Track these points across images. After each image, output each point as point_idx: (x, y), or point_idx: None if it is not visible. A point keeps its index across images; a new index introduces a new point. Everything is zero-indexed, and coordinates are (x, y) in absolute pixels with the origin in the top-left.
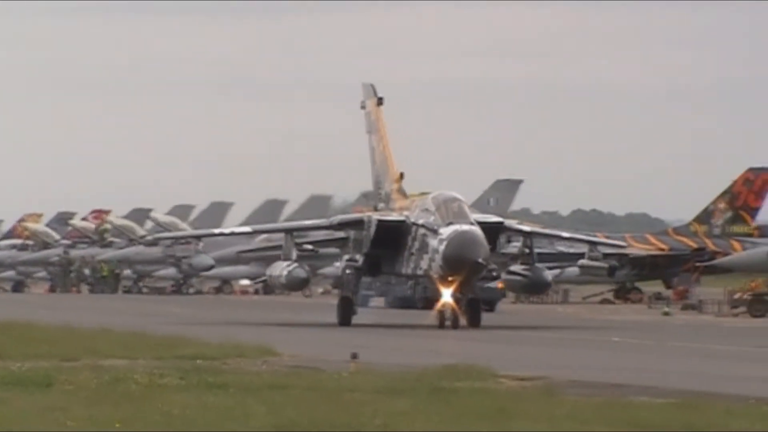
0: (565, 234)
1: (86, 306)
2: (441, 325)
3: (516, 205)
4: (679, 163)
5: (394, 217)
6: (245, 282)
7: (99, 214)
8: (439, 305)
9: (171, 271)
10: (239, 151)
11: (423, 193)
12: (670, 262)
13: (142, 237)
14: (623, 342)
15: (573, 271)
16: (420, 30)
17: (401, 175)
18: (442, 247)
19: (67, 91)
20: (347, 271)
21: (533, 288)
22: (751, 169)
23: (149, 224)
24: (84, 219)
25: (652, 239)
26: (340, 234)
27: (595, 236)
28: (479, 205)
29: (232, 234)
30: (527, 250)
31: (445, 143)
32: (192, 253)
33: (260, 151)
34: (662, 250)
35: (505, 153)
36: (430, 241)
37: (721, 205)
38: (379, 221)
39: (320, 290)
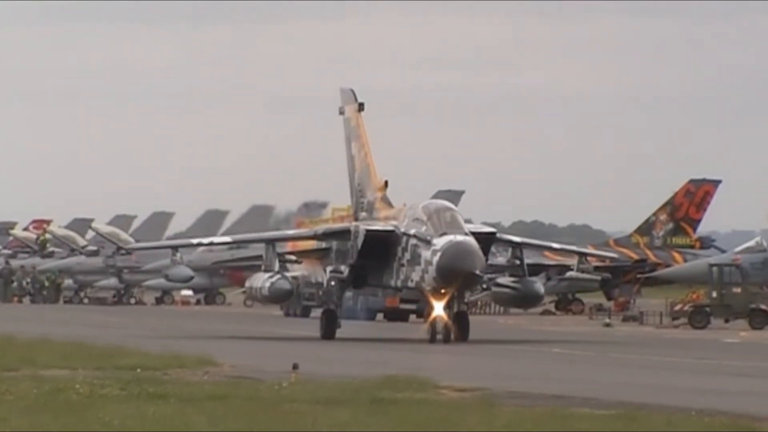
0: (555, 245)
1: (27, 316)
2: (432, 339)
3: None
4: (620, 174)
5: (382, 226)
6: (187, 293)
7: (40, 224)
8: (430, 318)
9: (112, 281)
10: (180, 162)
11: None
12: (612, 274)
13: (83, 247)
14: (564, 353)
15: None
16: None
17: (386, 184)
18: (435, 259)
19: (6, 100)
20: (331, 283)
21: (524, 301)
22: (692, 181)
23: (90, 234)
24: (25, 229)
25: (594, 251)
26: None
27: (586, 248)
28: None
29: (211, 244)
30: (517, 262)
31: (386, 153)
32: (132, 262)
33: (201, 162)
34: (603, 261)
35: (447, 164)
36: (422, 252)
37: (663, 217)
38: (368, 231)
39: None
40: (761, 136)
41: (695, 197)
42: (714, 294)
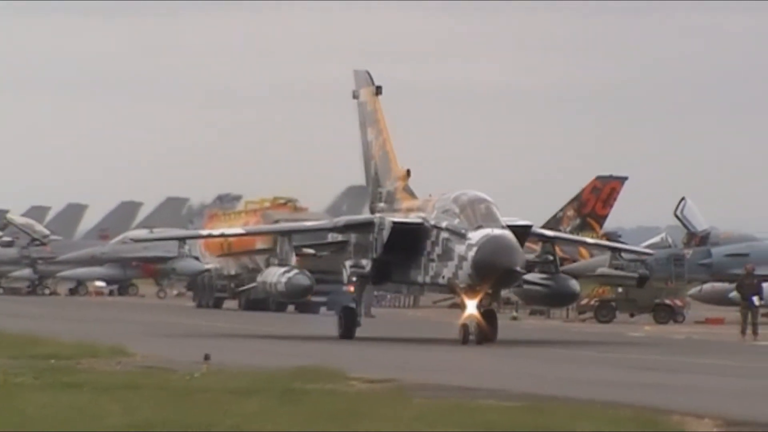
0: (589, 240)
1: None
2: (465, 341)
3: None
4: (529, 170)
5: (410, 219)
6: (100, 283)
7: None
8: (463, 318)
9: (27, 272)
10: (94, 153)
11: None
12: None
13: None
14: (472, 346)
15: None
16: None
17: (408, 173)
18: (471, 254)
19: None
20: (353, 279)
21: (557, 299)
22: (599, 177)
23: (6, 225)
24: None
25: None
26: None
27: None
28: (333, 211)
29: (222, 236)
30: (550, 257)
31: (290, 148)
32: (46, 253)
33: (115, 153)
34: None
35: (357, 158)
36: (455, 247)
37: (570, 213)
38: (395, 224)
39: (174, 292)
40: (667, 135)
41: (602, 193)
42: (619, 289)
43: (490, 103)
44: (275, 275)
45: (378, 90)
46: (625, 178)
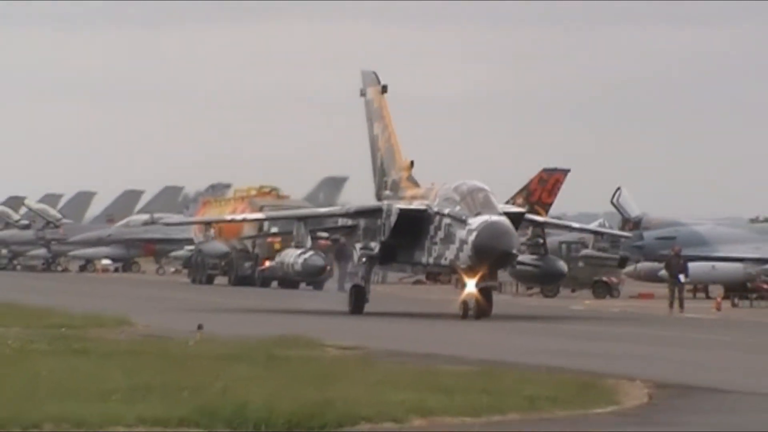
0: (575, 224)
1: None
2: (464, 316)
3: (341, 199)
4: (482, 164)
5: (415, 205)
6: (106, 261)
7: None
8: (463, 296)
9: (42, 251)
10: (101, 147)
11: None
12: None
13: (17, 221)
14: (434, 317)
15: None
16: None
17: (411, 164)
18: (472, 238)
19: None
20: (362, 260)
21: (546, 278)
22: (545, 170)
23: (23, 210)
24: None
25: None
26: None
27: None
28: (311, 199)
29: (244, 220)
30: (540, 240)
31: (274, 143)
32: (59, 234)
33: (120, 148)
34: None
35: (332, 152)
36: (457, 231)
37: (519, 201)
38: (401, 210)
39: (172, 270)
40: (604, 133)
41: (548, 184)
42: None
43: (460, 108)
44: (292, 256)
45: (384, 89)
46: (568, 171)
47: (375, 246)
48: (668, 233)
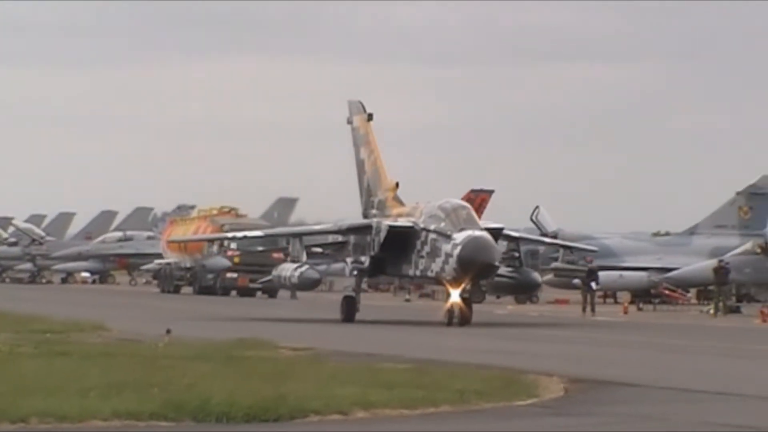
0: (546, 239)
1: None
2: (449, 323)
3: (293, 218)
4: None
5: (403, 222)
6: (85, 274)
7: None
8: (448, 304)
9: (28, 265)
10: (79, 173)
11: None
12: None
13: (5, 239)
14: (374, 323)
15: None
16: None
17: (396, 185)
18: (456, 251)
19: None
20: (354, 273)
21: (522, 289)
22: (472, 191)
23: (11, 229)
24: None
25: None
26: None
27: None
28: (266, 217)
29: (245, 238)
30: (516, 254)
31: (228, 166)
32: (43, 251)
33: (95, 174)
34: None
35: (284, 174)
36: (442, 246)
37: None
38: (390, 227)
39: (143, 281)
40: (524, 158)
41: (474, 203)
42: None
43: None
44: (289, 270)
45: (370, 116)
46: (493, 191)
47: (365, 260)
48: (582, 246)
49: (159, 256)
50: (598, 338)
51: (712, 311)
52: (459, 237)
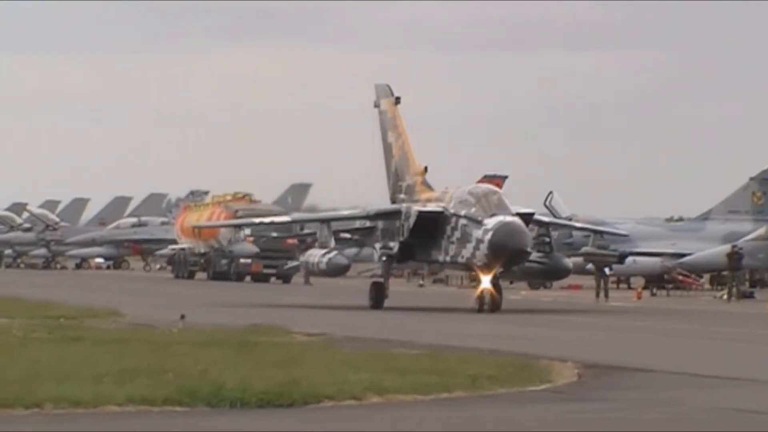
0: (577, 224)
1: None
2: (480, 309)
3: (307, 203)
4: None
5: (432, 208)
6: (99, 260)
7: None
8: (478, 291)
9: (42, 251)
10: (94, 159)
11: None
12: None
13: (20, 225)
14: (388, 308)
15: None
16: None
17: (425, 169)
18: (488, 237)
19: None
20: (382, 258)
21: (552, 274)
22: (486, 176)
23: (25, 215)
24: None
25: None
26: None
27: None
28: (280, 203)
29: (272, 224)
30: (546, 239)
31: (242, 151)
32: (57, 236)
33: (111, 160)
34: None
35: (299, 160)
36: (473, 231)
37: None
38: (420, 212)
39: (157, 266)
40: (538, 145)
41: None
42: None
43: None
44: (317, 256)
45: (397, 100)
46: (506, 177)
47: (394, 245)
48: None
49: (173, 241)
50: (612, 324)
51: (725, 297)
52: (490, 222)
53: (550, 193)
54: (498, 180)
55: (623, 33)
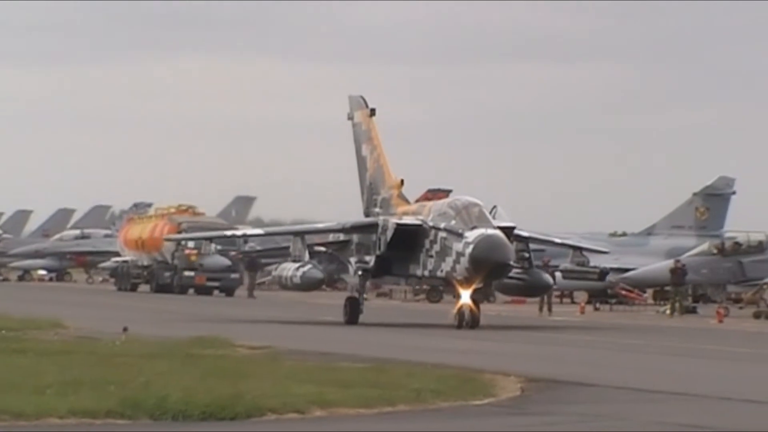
0: (557, 239)
1: None
2: (460, 326)
3: (251, 216)
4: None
5: (411, 220)
6: (42, 272)
7: None
8: (458, 306)
9: None
10: (37, 171)
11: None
12: None
13: None
14: (330, 322)
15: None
16: None
17: (402, 182)
18: (468, 250)
19: None
20: (358, 273)
21: (532, 290)
22: (430, 190)
23: None
24: None
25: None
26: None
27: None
28: (224, 215)
29: (244, 236)
30: (526, 254)
31: (186, 163)
32: (0, 248)
33: (54, 172)
34: None
35: (242, 173)
36: (453, 244)
37: None
38: (398, 225)
39: (100, 279)
40: (482, 158)
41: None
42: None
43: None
44: (290, 270)
45: (372, 112)
46: (450, 191)
47: (370, 260)
48: (538, 246)
49: (116, 254)
50: (555, 338)
51: (668, 311)
52: (471, 235)
53: (494, 207)
54: (442, 194)
55: (561, 45)
